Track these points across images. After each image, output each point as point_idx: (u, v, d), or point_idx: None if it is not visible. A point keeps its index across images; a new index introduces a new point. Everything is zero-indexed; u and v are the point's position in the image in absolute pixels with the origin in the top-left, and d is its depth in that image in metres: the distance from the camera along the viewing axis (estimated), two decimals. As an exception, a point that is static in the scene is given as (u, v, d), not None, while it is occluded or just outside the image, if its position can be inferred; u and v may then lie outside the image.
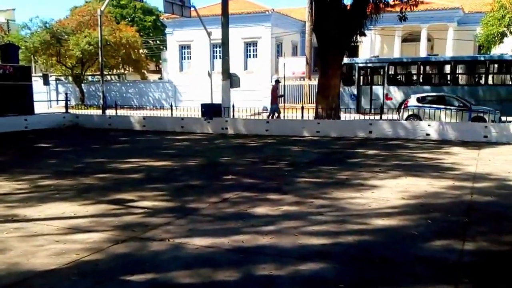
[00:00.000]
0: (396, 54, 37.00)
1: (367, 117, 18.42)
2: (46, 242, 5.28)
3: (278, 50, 38.29)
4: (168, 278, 4.28)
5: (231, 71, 20.63)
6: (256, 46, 37.67)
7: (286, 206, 6.83)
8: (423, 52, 36.00)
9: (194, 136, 17.94)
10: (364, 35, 20.69)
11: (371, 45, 37.83)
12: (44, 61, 41.60)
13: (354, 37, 20.17)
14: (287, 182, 8.70)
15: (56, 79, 45.33)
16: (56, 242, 5.28)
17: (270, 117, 20.59)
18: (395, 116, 19.57)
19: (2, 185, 8.49)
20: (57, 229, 5.82)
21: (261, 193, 7.66)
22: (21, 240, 5.39)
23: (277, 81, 23.46)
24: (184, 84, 39.56)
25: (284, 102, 30.82)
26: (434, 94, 20.86)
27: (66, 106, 23.59)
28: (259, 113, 26.15)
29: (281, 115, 20.97)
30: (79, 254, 4.89)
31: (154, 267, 4.54)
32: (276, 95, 21.54)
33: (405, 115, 19.56)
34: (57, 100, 39.08)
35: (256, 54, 37.82)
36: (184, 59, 41.08)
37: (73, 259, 4.74)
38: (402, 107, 20.60)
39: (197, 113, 20.12)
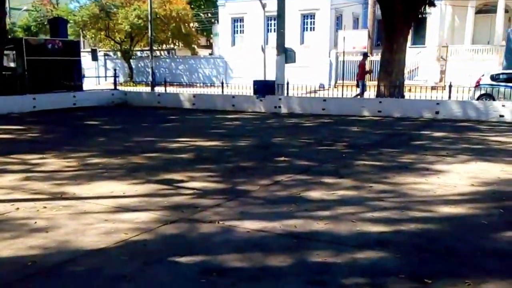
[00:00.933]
0: (469, 27, 35.66)
1: (434, 96, 17.90)
2: (95, 221, 5.51)
3: (338, 23, 37.68)
4: (218, 262, 4.38)
5: (286, 45, 20.50)
6: (314, 18, 37.20)
7: (343, 191, 6.80)
8: (499, 25, 34.53)
9: (245, 115, 18.06)
10: (434, 5, 20.01)
11: (441, 17, 36.68)
12: (93, 35, 42.83)
13: (422, 8, 19.56)
14: (344, 165, 8.65)
15: (105, 55, 46.53)
16: (105, 221, 5.50)
17: (359, 96, 20.39)
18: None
19: (51, 162, 8.88)
20: (106, 208, 6.05)
21: (315, 177, 7.66)
22: (70, 218, 5.64)
23: (365, 55, 22.52)
24: (236, 60, 39.73)
25: (343, 79, 30.46)
26: (509, 71, 20.03)
27: (115, 83, 24.22)
28: (315, 91, 25.93)
29: (339, 92, 20.74)
30: (127, 233, 5.08)
31: (203, 249, 4.65)
32: (363, 71, 21.24)
33: (477, 94, 18.93)
34: (106, 76, 40.16)
35: (313, 27, 37.39)
36: (237, 33, 41.19)
37: (122, 239, 4.93)
38: (474, 85, 19.93)
39: (249, 91, 20.20)
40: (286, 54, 19.97)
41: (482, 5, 36.84)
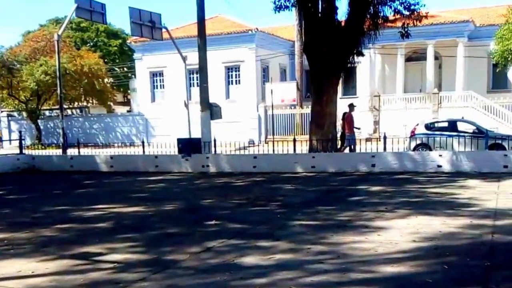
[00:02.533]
0: (400, 75, 37.57)
1: (368, 148, 18.58)
2: (-1, 307, 5.21)
3: (264, 75, 38.74)
4: None
5: (211, 100, 20.82)
6: (239, 71, 38.09)
7: (279, 254, 6.81)
8: (430, 73, 36.63)
9: (170, 176, 17.92)
10: (362, 55, 20.89)
11: (371, 66, 38.52)
12: (-6, 95, 41.64)
13: (350, 58, 20.36)
14: (279, 226, 8.70)
15: (8, 115, 45.32)
16: (11, 306, 5.21)
17: (343, 149, 20.11)
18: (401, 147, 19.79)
19: None
20: (12, 290, 5.74)
21: (250, 240, 7.64)
22: (-31, 305, 5.31)
23: (352, 106, 21.67)
24: (157, 117, 39.74)
25: (273, 134, 31.06)
26: (444, 119, 21.15)
27: (21, 146, 23.49)
28: (245, 147, 26.24)
29: (269, 148, 21.02)
30: (39, 319, 4.82)
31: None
32: (352, 123, 20.69)
33: (413, 144, 19.80)
34: (10, 140, 38.97)
35: (239, 80, 38.22)
36: (157, 88, 41.36)
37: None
38: (409, 135, 20.86)
39: (173, 150, 20.14)
40: (211, 110, 20.23)
41: (412, 53, 39.09)
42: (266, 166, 17.92)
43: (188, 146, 19.50)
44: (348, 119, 20.73)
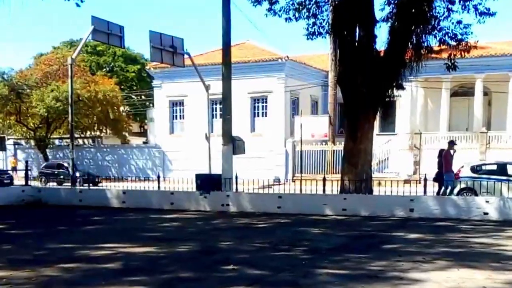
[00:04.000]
0: (445, 112, 37.30)
1: (407, 191, 18.43)
2: None
3: (294, 108, 38.80)
4: None
5: (234, 133, 20.92)
6: (266, 102, 38.23)
7: (302, 305, 6.78)
8: (478, 110, 36.29)
9: (186, 214, 17.97)
10: (403, 88, 20.74)
11: (412, 101, 38.30)
12: (1, 120, 42.42)
13: (389, 91, 20.26)
14: (304, 274, 8.66)
15: (15, 143, 46.10)
16: None
17: (446, 193, 19.14)
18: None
19: None
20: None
21: (270, 288, 7.62)
22: None
23: (452, 143, 20.71)
24: (176, 150, 40.00)
25: (301, 172, 31.02)
26: (493, 162, 20.92)
27: (26, 178, 23.83)
28: (269, 186, 26.22)
29: (296, 187, 20.97)
30: None
31: None
32: (449, 162, 19.87)
33: (457, 188, 19.57)
34: (15, 170, 39.51)
35: (265, 113, 38.34)
36: (176, 118, 41.72)
37: None
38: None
39: (191, 186, 20.24)
40: (234, 144, 20.31)
41: (458, 87, 38.75)
42: (292, 207, 17.87)
43: (207, 183, 19.59)
44: (446, 157, 19.93)
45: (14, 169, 39.13)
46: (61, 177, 33.90)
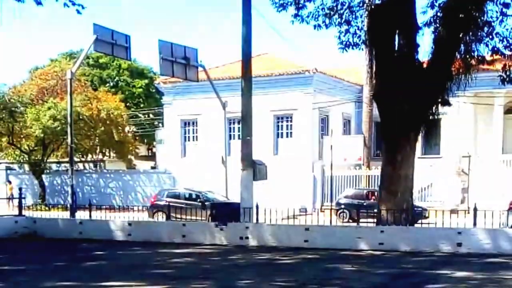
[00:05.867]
0: (498, 131, 36.88)
1: (454, 223, 18.33)
2: None
3: (323, 127, 38.67)
4: None
5: (254, 156, 20.95)
6: (291, 121, 38.10)
7: None
8: (535, 128, 35.96)
9: (200, 249, 18.03)
10: (449, 104, 20.43)
11: (460, 118, 37.93)
12: (-9, 143, 42.76)
13: (434, 108, 20.04)
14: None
15: (7, 168, 46.41)
16: None
17: None
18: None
19: None
20: None
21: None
22: None
23: None
24: (188, 175, 39.86)
25: (332, 201, 30.92)
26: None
27: (20, 207, 24.04)
28: (295, 216, 26.21)
29: (326, 219, 20.94)
30: None
31: None
32: None
33: (512, 220, 19.44)
34: (8, 198, 39.82)
35: (291, 133, 38.23)
36: (188, 140, 41.79)
37: None
38: (507, 208, 20.53)
39: (205, 217, 20.31)
40: (254, 169, 20.34)
41: (513, 103, 38.43)
42: (321, 240, 17.86)
43: (224, 213, 19.71)
44: None
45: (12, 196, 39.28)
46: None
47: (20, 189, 28.28)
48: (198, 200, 27.56)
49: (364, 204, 28.03)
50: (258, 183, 20.79)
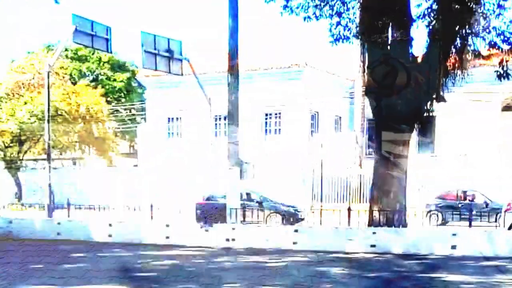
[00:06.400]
0: (496, 128, 36.94)
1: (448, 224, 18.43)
2: None
3: (313, 124, 38.71)
4: None
5: (241, 155, 20.93)
6: (280, 117, 38.16)
7: None
8: (534, 126, 36.10)
9: (184, 251, 17.97)
10: (444, 100, 20.54)
11: (455, 115, 37.98)
12: (-37, 139, 42.60)
13: (428, 104, 20.10)
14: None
15: (-19, 166, 46.19)
16: None
17: None
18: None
19: None
20: None
21: None
22: None
23: None
24: (172, 174, 39.90)
25: (321, 201, 30.93)
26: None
27: (-6, 206, 23.96)
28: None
29: (315, 219, 20.96)
30: None
31: None
32: None
33: (509, 221, 19.51)
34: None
35: (279, 130, 38.26)
36: (172, 135, 41.73)
37: None
38: (505, 209, 20.60)
39: (190, 217, 20.29)
40: (241, 168, 20.33)
41: (510, 99, 38.47)
42: (310, 242, 17.86)
43: (209, 213, 19.64)
44: None
45: None
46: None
47: (-6, 187, 28.17)
48: (255, 201, 26.71)
49: (459, 205, 26.70)
50: (245, 182, 20.78)
